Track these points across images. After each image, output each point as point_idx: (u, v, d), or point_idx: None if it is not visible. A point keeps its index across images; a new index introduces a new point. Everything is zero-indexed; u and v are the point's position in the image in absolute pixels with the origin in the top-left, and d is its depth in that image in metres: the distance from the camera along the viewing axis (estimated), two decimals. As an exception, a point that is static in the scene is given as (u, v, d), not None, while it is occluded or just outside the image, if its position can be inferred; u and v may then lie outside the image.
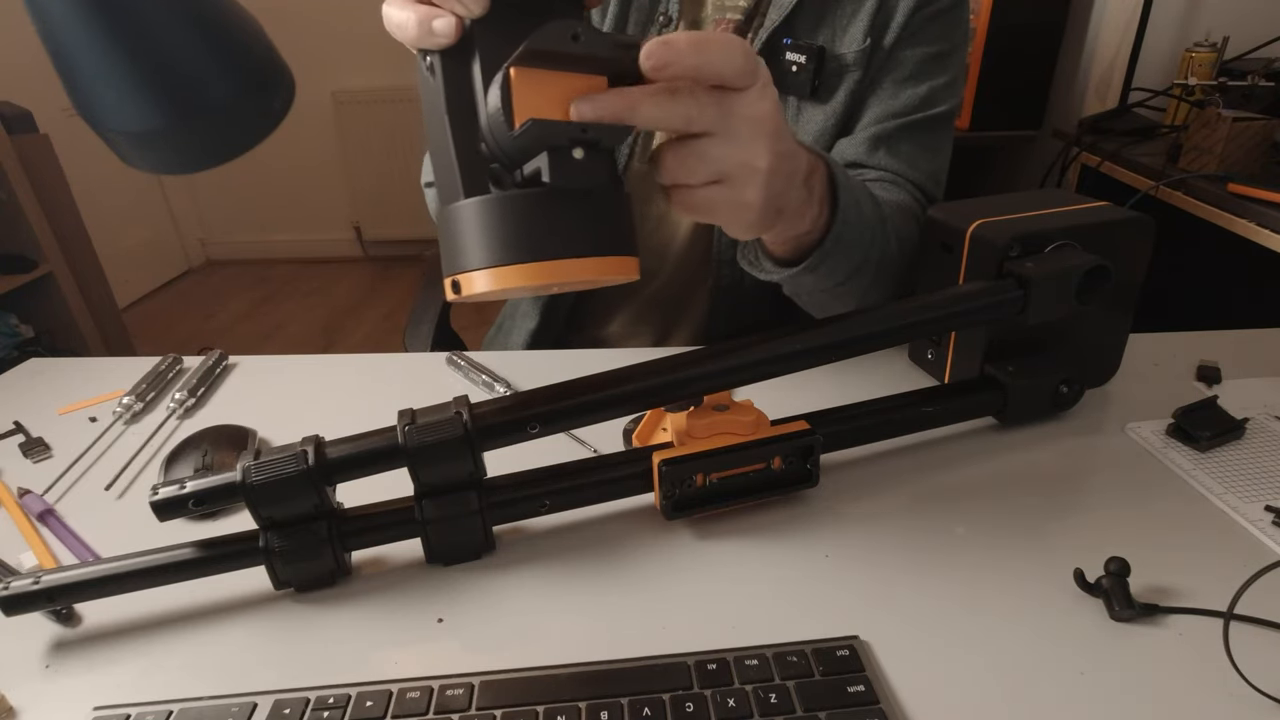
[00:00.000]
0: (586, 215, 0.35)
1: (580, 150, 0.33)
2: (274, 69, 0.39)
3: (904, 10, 0.67)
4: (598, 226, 0.35)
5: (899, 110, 0.69)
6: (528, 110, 0.33)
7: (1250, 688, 0.35)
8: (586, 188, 0.34)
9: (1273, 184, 1.19)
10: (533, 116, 0.32)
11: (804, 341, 0.47)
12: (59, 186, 2.10)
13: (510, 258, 0.34)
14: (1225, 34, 1.52)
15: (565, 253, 0.34)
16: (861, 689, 0.35)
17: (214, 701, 0.36)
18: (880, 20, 0.68)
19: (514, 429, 0.44)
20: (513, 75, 0.33)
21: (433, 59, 0.36)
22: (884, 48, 0.68)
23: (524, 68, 0.33)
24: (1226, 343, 0.67)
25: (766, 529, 0.47)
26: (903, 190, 0.69)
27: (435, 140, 0.37)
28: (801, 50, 0.67)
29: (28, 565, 0.47)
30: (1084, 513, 0.48)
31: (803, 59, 0.67)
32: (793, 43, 0.67)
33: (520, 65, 0.33)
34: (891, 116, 0.69)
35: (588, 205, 0.35)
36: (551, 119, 0.33)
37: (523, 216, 0.34)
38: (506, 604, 0.43)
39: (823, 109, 0.69)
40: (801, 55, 0.67)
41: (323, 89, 3.02)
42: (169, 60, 0.35)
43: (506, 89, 0.33)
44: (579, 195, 0.34)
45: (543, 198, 0.34)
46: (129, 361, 0.72)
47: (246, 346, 2.40)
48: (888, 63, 0.69)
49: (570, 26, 0.32)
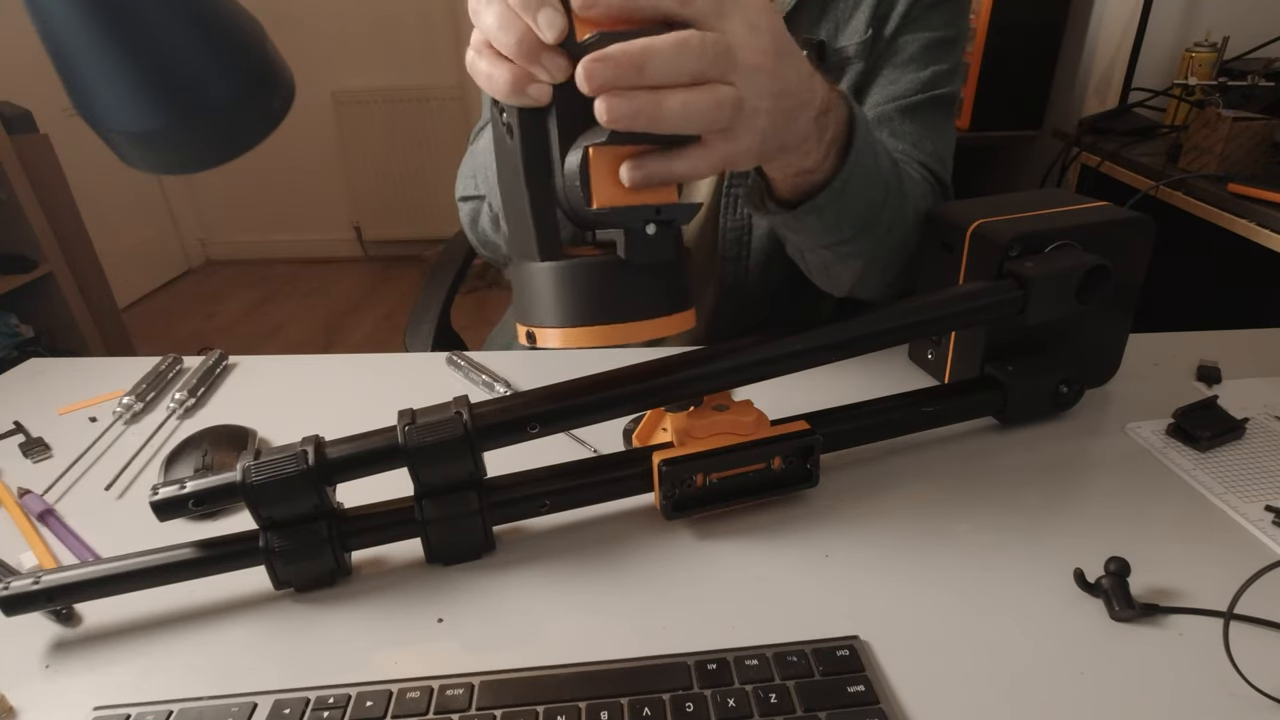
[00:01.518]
0: (656, 281, 0.37)
1: (654, 227, 0.35)
2: (274, 69, 0.39)
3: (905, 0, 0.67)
4: (664, 288, 0.38)
5: (900, 93, 0.69)
6: (605, 188, 0.35)
7: (1250, 688, 0.35)
8: (658, 262, 0.36)
9: (1273, 184, 1.19)
10: (609, 200, 0.34)
11: (804, 341, 0.47)
12: (59, 186, 2.10)
13: (584, 320, 0.37)
14: (1225, 34, 1.52)
15: (634, 316, 0.37)
16: (861, 689, 0.35)
17: (214, 701, 0.36)
18: (882, 11, 0.68)
19: (514, 429, 0.44)
20: (592, 155, 0.34)
21: (510, 117, 0.36)
22: (884, 36, 0.68)
23: (603, 148, 0.34)
24: (1226, 343, 0.67)
25: (766, 529, 0.47)
26: (911, 167, 0.67)
27: (509, 196, 0.38)
28: (802, 45, 0.67)
29: (28, 565, 0.47)
30: (1084, 513, 0.48)
31: (804, 53, 0.67)
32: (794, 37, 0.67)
33: (598, 146, 0.34)
34: (893, 99, 0.69)
35: (660, 271, 0.37)
36: (628, 205, 0.35)
37: (597, 284, 0.37)
38: (506, 604, 0.43)
39: None
40: (803, 49, 0.67)
41: (323, 89, 3.02)
42: (169, 60, 0.35)
43: (585, 167, 0.34)
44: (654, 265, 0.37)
45: (616, 266, 0.36)
46: (129, 361, 0.72)
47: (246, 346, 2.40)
48: (889, 50, 0.69)
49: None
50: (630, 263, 0.36)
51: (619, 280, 0.37)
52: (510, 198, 0.39)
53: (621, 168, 0.35)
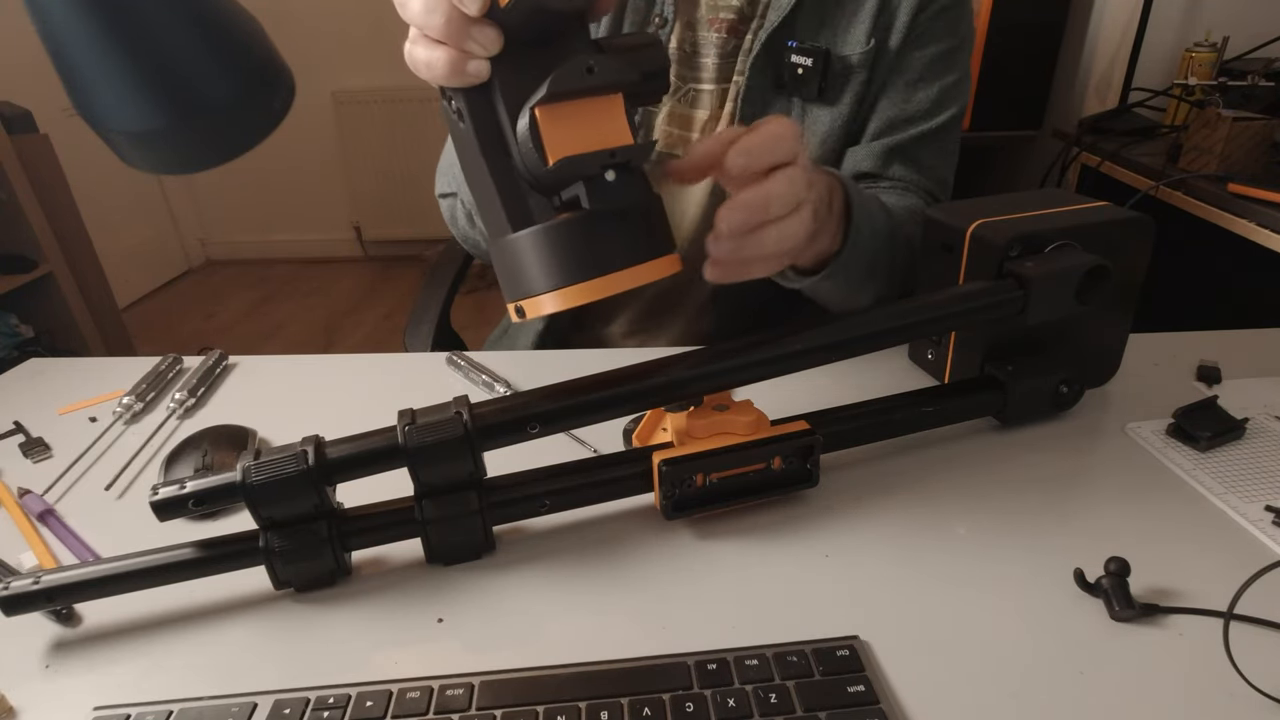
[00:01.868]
0: (628, 227, 0.38)
1: (612, 173, 0.36)
2: (274, 69, 0.39)
3: (907, 11, 0.67)
4: (640, 234, 0.38)
5: (911, 115, 0.70)
6: (557, 143, 0.35)
7: (1250, 688, 0.35)
8: (625, 205, 0.37)
9: (1273, 184, 1.19)
10: (564, 152, 0.35)
11: (804, 341, 0.47)
12: (59, 186, 2.10)
13: (568, 279, 0.37)
14: (1225, 34, 1.52)
15: (616, 265, 0.37)
16: (861, 689, 0.35)
17: (214, 701, 0.36)
18: (883, 22, 0.68)
19: (514, 429, 0.44)
20: (538, 115, 0.35)
21: (458, 103, 0.37)
22: (890, 50, 0.68)
23: (548, 105, 0.35)
24: (1226, 343, 0.67)
25: (766, 529, 0.47)
26: (913, 195, 0.71)
27: (474, 180, 0.39)
28: (807, 53, 0.67)
29: (28, 565, 0.47)
30: (1084, 513, 0.48)
31: (809, 62, 0.67)
32: (798, 45, 0.67)
33: (544, 104, 0.35)
34: (904, 124, 0.70)
35: (629, 217, 0.38)
36: (581, 153, 0.35)
37: (572, 241, 0.37)
38: (506, 604, 0.43)
39: (829, 111, 0.69)
40: (808, 58, 0.67)
41: (323, 89, 3.02)
42: (169, 60, 0.35)
43: (535, 128, 0.35)
44: (622, 210, 0.37)
45: (586, 220, 0.37)
46: (129, 361, 0.72)
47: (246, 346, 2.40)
48: (896, 65, 0.69)
49: (583, 61, 0.34)
50: (597, 212, 0.36)
51: (592, 234, 0.37)
52: (475, 181, 0.39)
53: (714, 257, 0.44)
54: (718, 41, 0.70)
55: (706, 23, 0.70)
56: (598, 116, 0.36)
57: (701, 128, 0.71)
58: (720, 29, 0.69)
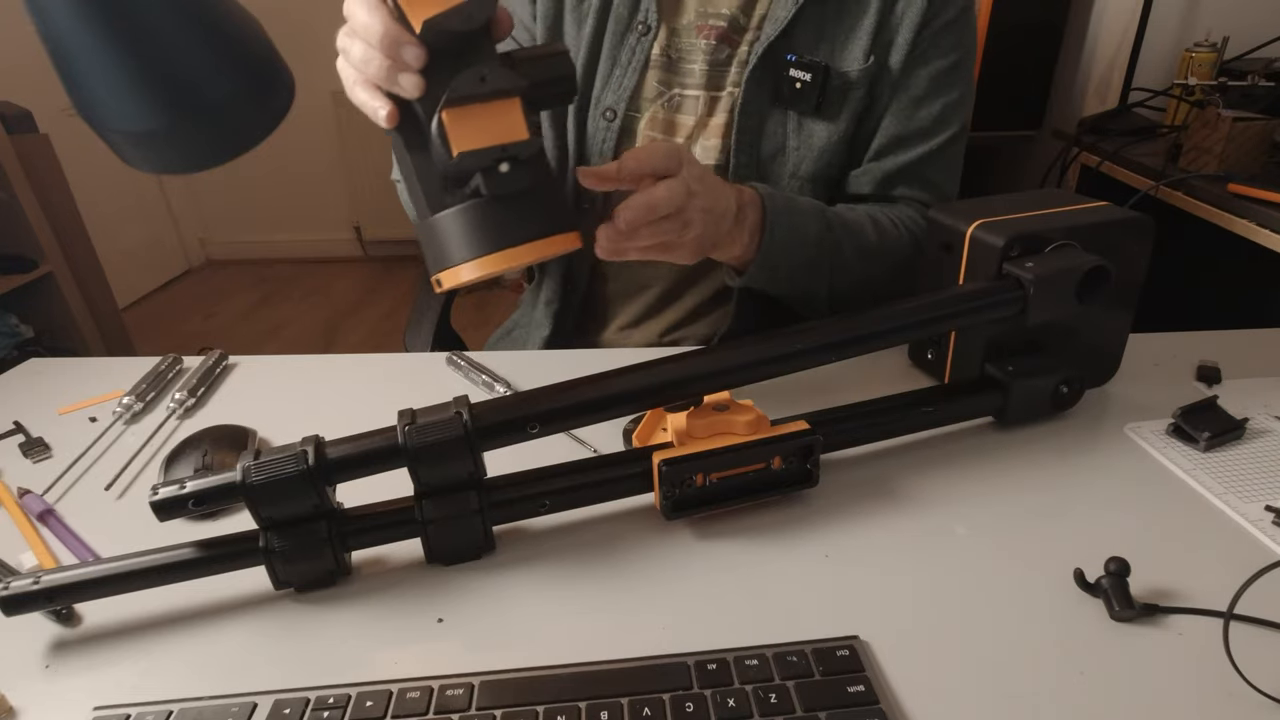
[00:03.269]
0: (526, 209, 0.44)
1: (506, 165, 0.43)
2: (274, 69, 0.39)
3: (909, 28, 0.67)
4: (536, 215, 0.45)
5: (915, 132, 0.70)
6: (460, 141, 0.42)
7: (1250, 688, 0.35)
8: (517, 191, 0.43)
9: (1273, 184, 1.19)
10: (464, 147, 0.42)
11: (804, 341, 0.47)
12: (59, 186, 2.10)
13: (476, 253, 0.44)
14: (1225, 34, 1.52)
15: (516, 240, 0.44)
16: (861, 689, 0.35)
17: (214, 701, 0.36)
18: (883, 39, 0.68)
19: (514, 429, 0.44)
20: (444, 117, 0.42)
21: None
22: (892, 68, 0.68)
23: (451, 109, 0.42)
24: (1226, 343, 0.67)
25: (766, 529, 0.47)
26: (916, 211, 0.73)
27: (404, 171, 0.47)
28: (806, 68, 0.67)
29: (28, 565, 0.47)
30: (1084, 513, 0.48)
31: (807, 76, 0.67)
32: (797, 60, 0.67)
33: (447, 109, 0.42)
34: (908, 141, 0.71)
35: (526, 201, 0.44)
36: (478, 148, 0.42)
37: (477, 221, 0.44)
38: (506, 604, 0.43)
39: (827, 125, 0.69)
40: (806, 73, 0.67)
41: (323, 89, 3.01)
42: (169, 60, 0.35)
43: (441, 129, 0.42)
44: (517, 195, 0.44)
45: (489, 203, 0.44)
46: (129, 361, 0.72)
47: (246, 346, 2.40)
48: (900, 82, 0.69)
49: (478, 71, 0.42)
50: (498, 197, 0.43)
51: (494, 215, 0.44)
52: (405, 174, 0.46)
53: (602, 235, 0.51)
54: (706, 49, 0.69)
55: (694, 30, 0.70)
56: (495, 117, 0.43)
57: (688, 134, 0.71)
58: (709, 36, 0.69)
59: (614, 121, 0.71)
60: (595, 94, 0.72)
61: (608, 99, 0.71)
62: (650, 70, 0.71)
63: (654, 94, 0.71)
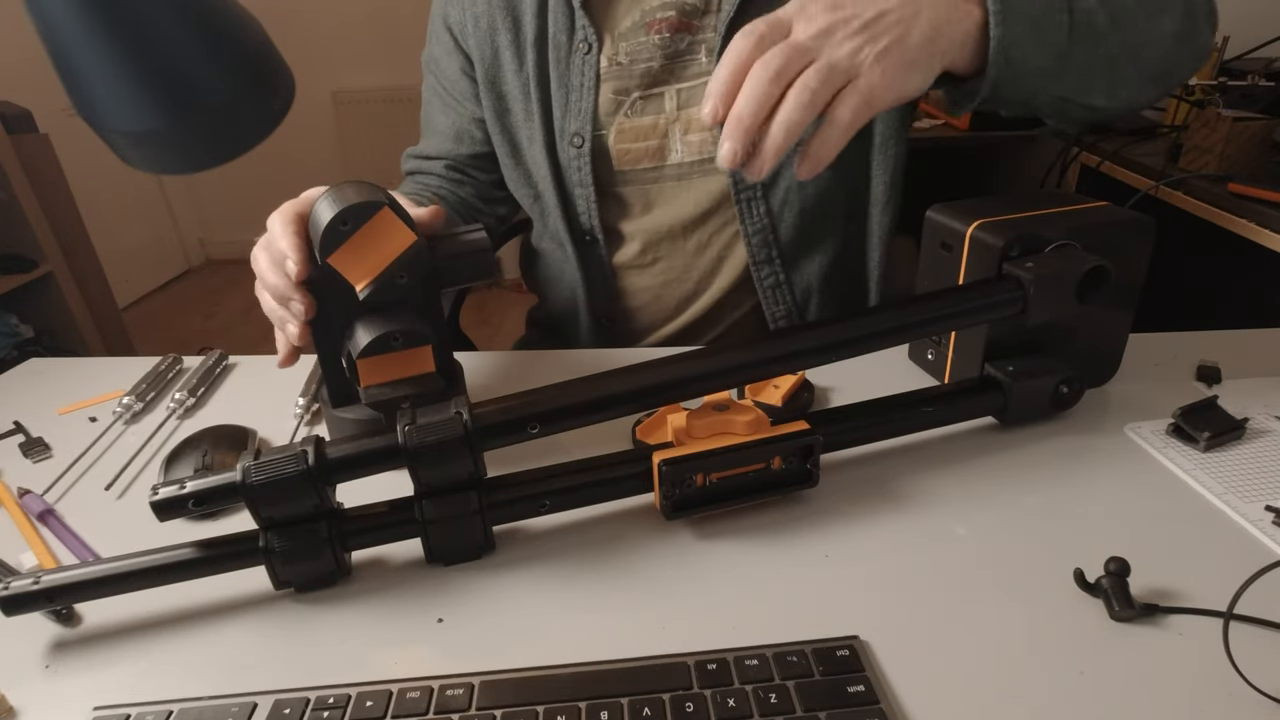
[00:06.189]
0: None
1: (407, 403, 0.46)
2: (274, 69, 0.39)
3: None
4: None
5: None
6: (368, 377, 0.49)
7: (1250, 688, 0.35)
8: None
9: (1273, 184, 1.19)
10: (371, 382, 0.49)
11: (804, 341, 0.47)
12: (59, 186, 2.10)
13: None
14: (1225, 34, 1.52)
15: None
16: (861, 689, 0.35)
17: (214, 701, 0.36)
18: None
19: (514, 429, 0.44)
20: (358, 363, 0.48)
21: None
22: None
23: (362, 359, 0.48)
24: (1226, 343, 0.67)
25: (766, 529, 0.47)
26: None
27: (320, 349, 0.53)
28: None
29: (28, 565, 0.47)
30: (1084, 513, 0.48)
31: None
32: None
33: (361, 358, 0.48)
34: None
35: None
36: (384, 383, 0.49)
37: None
38: (506, 604, 0.43)
39: None
40: None
41: (323, 89, 3.02)
42: (169, 60, 0.35)
43: (353, 368, 0.49)
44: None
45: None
46: (129, 361, 0.72)
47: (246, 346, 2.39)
48: None
49: (394, 334, 0.47)
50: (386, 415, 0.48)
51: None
52: (321, 355, 0.53)
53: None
54: (661, 43, 0.68)
55: (643, 28, 0.69)
56: (401, 361, 0.49)
57: (663, 133, 0.71)
58: (662, 29, 0.68)
59: (583, 146, 0.71)
60: (558, 125, 0.72)
61: (571, 125, 0.71)
62: (603, 84, 0.70)
63: (612, 107, 0.71)
